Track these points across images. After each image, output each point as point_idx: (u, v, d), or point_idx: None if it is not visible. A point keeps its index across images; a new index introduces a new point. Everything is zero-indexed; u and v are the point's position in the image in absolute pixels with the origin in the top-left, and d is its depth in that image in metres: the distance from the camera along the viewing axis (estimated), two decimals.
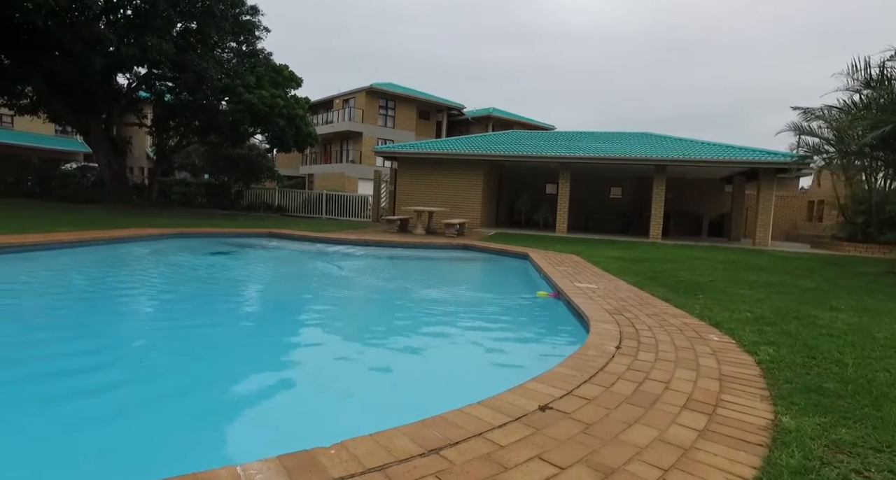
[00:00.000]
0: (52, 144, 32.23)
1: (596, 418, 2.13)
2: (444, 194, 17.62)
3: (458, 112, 36.23)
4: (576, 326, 4.50)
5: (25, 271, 6.54)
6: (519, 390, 2.45)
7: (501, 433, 1.95)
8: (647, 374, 2.73)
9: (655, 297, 5.23)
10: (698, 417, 2.21)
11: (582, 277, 6.64)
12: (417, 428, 1.94)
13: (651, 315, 4.34)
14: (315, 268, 8.56)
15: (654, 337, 3.57)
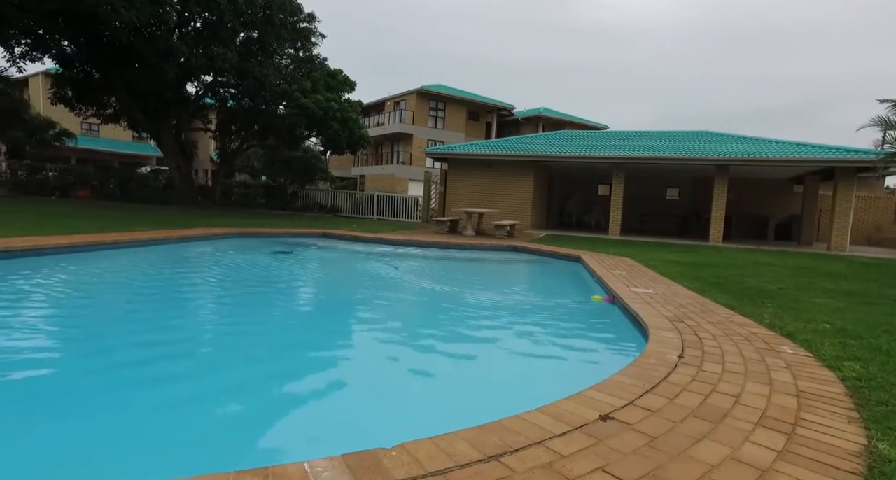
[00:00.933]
0: (130, 149, 34.84)
1: (660, 431, 2.05)
2: (493, 195, 17.54)
3: (507, 112, 35.98)
4: (633, 333, 4.35)
5: (109, 267, 7.09)
6: (577, 398, 2.40)
7: (562, 442, 1.91)
8: (713, 387, 2.60)
9: (718, 304, 4.97)
10: (775, 436, 2.07)
11: (638, 282, 6.41)
12: (477, 434, 1.93)
13: (715, 323, 4.12)
14: (369, 269, 8.74)
15: (719, 346, 3.40)
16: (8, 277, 5.65)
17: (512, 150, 17.43)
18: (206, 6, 14.74)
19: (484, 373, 3.62)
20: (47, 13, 13.39)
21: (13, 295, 5.08)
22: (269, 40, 17.37)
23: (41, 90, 27.85)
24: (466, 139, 32.27)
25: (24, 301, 4.94)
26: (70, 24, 14.38)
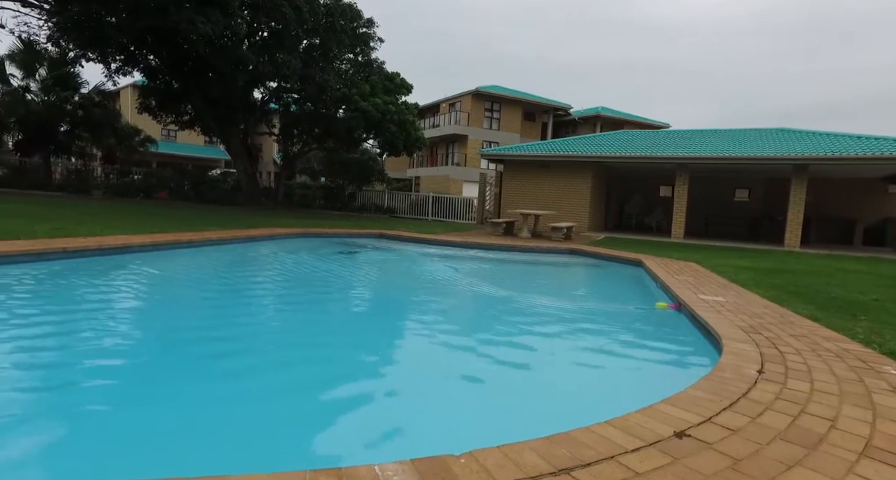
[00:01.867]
0: (202, 153, 37.22)
1: (744, 453, 1.91)
2: (550, 197, 17.24)
3: (564, 112, 35.28)
4: (703, 344, 4.12)
5: (186, 264, 7.59)
6: (648, 411, 2.29)
7: (636, 458, 1.83)
8: (802, 407, 2.40)
9: (800, 316, 4.61)
10: (888, 471, 1.86)
11: (706, 288, 6.07)
12: (545, 445, 1.89)
13: (797, 336, 3.82)
14: (428, 271, 8.82)
15: (804, 363, 3.14)
16: (108, 272, 6.19)
17: (570, 151, 17.06)
18: (273, 16, 15.46)
19: (545, 381, 3.53)
20: (139, 30, 14.55)
21: (107, 288, 5.55)
22: (331, 46, 17.98)
23: (129, 100, 30.33)
24: (522, 140, 31.93)
25: (115, 293, 5.39)
26: (156, 40, 15.55)
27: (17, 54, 18.78)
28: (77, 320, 4.30)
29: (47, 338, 3.74)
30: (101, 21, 14.69)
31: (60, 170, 20.77)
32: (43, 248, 6.12)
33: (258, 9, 15.29)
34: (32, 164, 19.95)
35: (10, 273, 5.39)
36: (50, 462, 2.13)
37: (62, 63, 19.04)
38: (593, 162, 16.62)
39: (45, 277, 5.55)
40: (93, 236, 7.49)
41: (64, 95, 19.54)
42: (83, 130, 20.62)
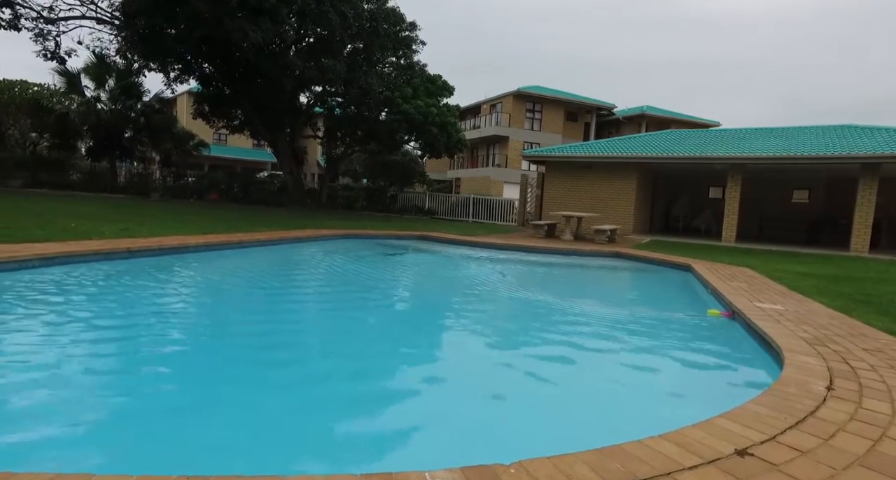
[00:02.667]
0: (250, 156, 38.65)
1: (817, 478, 1.79)
2: (593, 199, 16.86)
3: (607, 112, 34.46)
4: (761, 355, 3.91)
5: (238, 264, 7.89)
6: (706, 426, 2.18)
7: (694, 477, 1.75)
8: (884, 430, 2.22)
9: (873, 327, 4.29)
10: None
11: (763, 296, 5.77)
12: (597, 457, 1.83)
13: (871, 350, 3.56)
14: (470, 274, 8.82)
15: (882, 380, 2.92)
16: (168, 270, 6.52)
17: (614, 152, 16.63)
18: (319, 22, 15.87)
19: (593, 390, 3.43)
20: (195, 40, 15.33)
21: (167, 286, 5.85)
22: (374, 50, 18.28)
23: (185, 107, 31.91)
24: (564, 140, 31.41)
25: (173, 291, 5.67)
26: (211, 48, 16.32)
27: (90, 67, 20.21)
28: (139, 315, 4.55)
29: (110, 332, 3.97)
30: (162, 33, 15.55)
31: (124, 174, 22.10)
32: (110, 248, 6.52)
33: (305, 16, 15.74)
34: (101, 169, 21.33)
35: (84, 271, 5.77)
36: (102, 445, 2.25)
37: (128, 74, 20.35)
38: (638, 163, 16.14)
39: (114, 274, 5.90)
40: (153, 236, 7.91)
41: (129, 104, 20.82)
42: (144, 136, 21.87)
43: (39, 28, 16.55)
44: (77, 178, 20.34)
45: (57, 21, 16.76)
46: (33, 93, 21.55)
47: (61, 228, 7.59)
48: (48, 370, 3.04)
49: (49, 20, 16.55)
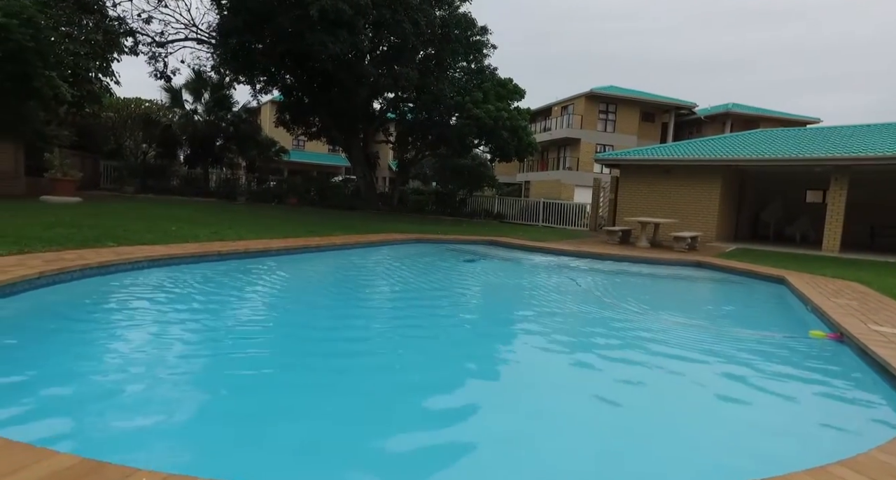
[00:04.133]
0: (326, 160, 40.53)
1: None
2: (671, 204, 15.98)
3: (687, 111, 32.58)
4: (883, 388, 3.47)
5: (316, 268, 8.28)
6: (821, 475, 1.96)
7: None
8: None
9: None
10: None
11: (880, 316, 5.15)
12: None
13: None
14: (542, 283, 8.65)
15: None
16: (253, 272, 6.98)
17: (696, 154, 15.65)
18: (394, 31, 16.31)
19: (676, 421, 3.12)
20: (279, 54, 16.39)
21: (253, 287, 6.26)
22: (445, 56, 18.49)
23: (268, 115, 34.08)
24: (639, 142, 30.08)
25: (259, 292, 6.04)
26: (292, 61, 17.33)
27: (190, 83, 22.33)
28: (223, 315, 4.89)
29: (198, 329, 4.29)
30: (251, 49, 16.73)
31: (215, 179, 23.96)
32: (204, 251, 7.07)
33: (381, 26, 16.23)
34: (196, 174, 23.30)
35: (183, 271, 6.30)
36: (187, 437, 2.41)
37: (220, 87, 22.24)
38: (724, 165, 15.07)
39: (208, 276, 6.39)
40: (240, 240, 8.48)
41: (221, 114, 22.65)
42: (233, 144, 23.60)
43: (153, 52, 18.56)
44: (176, 184, 22.34)
45: (166, 44, 18.65)
46: (145, 109, 24.01)
47: (165, 232, 8.34)
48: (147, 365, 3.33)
49: (160, 44, 18.45)
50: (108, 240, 6.95)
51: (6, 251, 5.47)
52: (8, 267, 4.73)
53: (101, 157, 21.14)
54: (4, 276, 4.37)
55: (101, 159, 21.14)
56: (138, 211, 12.06)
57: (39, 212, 9.92)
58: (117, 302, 5.05)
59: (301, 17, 14.37)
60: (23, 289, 4.49)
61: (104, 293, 5.21)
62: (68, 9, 14.30)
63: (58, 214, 9.60)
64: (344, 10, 14.08)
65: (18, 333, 3.77)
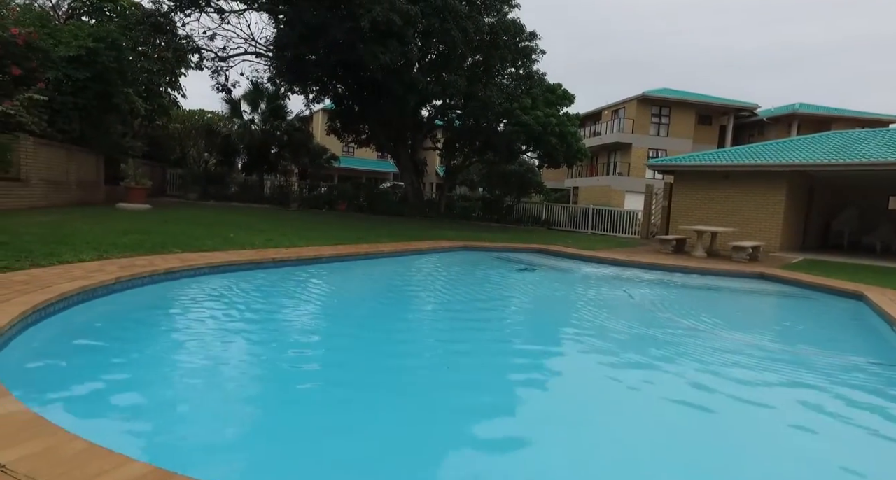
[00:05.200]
0: (374, 167, 41.39)
1: None
2: (730, 211, 15.19)
3: (748, 113, 30.95)
4: None
5: (365, 276, 8.45)
6: None
7: None
8: None
9: None
10: None
11: None
12: None
13: None
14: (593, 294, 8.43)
15: None
16: (305, 280, 7.21)
17: (759, 160, 14.82)
18: (443, 39, 16.47)
19: (747, 455, 2.87)
20: (331, 64, 16.94)
21: (302, 294, 6.46)
22: (494, 62, 18.48)
23: (319, 123, 35.24)
24: (694, 146, 28.87)
25: (306, 301, 6.23)
26: (344, 70, 17.86)
27: (248, 94, 23.49)
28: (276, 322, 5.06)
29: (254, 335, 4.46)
30: (305, 60, 17.38)
31: (269, 186, 24.99)
32: (259, 258, 7.36)
33: (430, 35, 16.43)
34: (252, 181, 24.42)
35: (240, 277, 6.59)
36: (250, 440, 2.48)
37: (276, 97, 23.25)
38: (788, 170, 14.19)
39: (263, 283, 6.65)
40: (293, 246, 8.78)
41: (275, 124, 23.65)
42: (286, 151, 24.56)
43: (216, 66, 19.66)
44: (234, 190, 23.49)
45: (228, 58, 19.72)
46: (207, 120, 25.48)
47: (224, 239, 8.76)
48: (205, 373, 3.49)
49: (222, 58, 19.54)
50: (173, 246, 7.38)
51: (89, 257, 5.91)
52: (91, 273, 5.11)
53: (167, 166, 22.56)
54: (87, 282, 4.72)
55: (167, 167, 22.56)
56: (200, 217, 12.74)
57: (116, 218, 10.68)
58: (181, 308, 5.35)
59: (353, 29, 14.79)
60: (102, 294, 4.83)
61: (169, 299, 5.54)
62: (144, 31, 15.38)
63: (131, 221, 10.30)
64: (394, 20, 14.37)
65: (98, 337, 4.05)
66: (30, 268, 5.09)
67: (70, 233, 7.73)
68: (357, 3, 14.47)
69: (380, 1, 14.22)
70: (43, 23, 12.29)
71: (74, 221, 9.42)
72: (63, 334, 3.91)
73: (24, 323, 3.67)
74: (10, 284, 4.40)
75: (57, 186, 12.62)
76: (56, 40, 11.89)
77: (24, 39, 10.07)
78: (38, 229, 7.79)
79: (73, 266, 5.43)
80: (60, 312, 4.19)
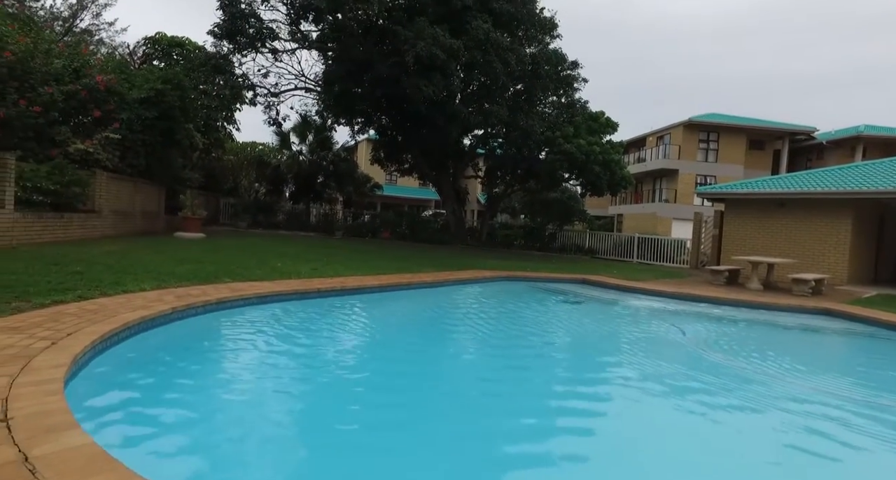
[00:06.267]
0: (416, 194, 42.06)
1: None
2: (788, 241, 14.41)
3: (805, 136, 29.60)
4: None
5: (407, 307, 8.49)
6: None
7: None
8: None
9: None
10: None
11: None
12: None
13: None
14: (643, 330, 8.12)
15: None
16: (350, 310, 7.32)
17: (819, 186, 14.05)
18: (485, 71, 16.80)
19: None
20: (376, 97, 17.60)
21: (345, 326, 6.54)
22: (535, 91, 18.63)
23: (363, 153, 36.38)
24: (746, 172, 27.79)
25: (350, 332, 6.29)
26: (388, 103, 18.49)
27: (296, 126, 24.71)
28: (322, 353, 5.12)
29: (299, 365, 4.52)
30: (351, 94, 18.14)
31: (315, 214, 25.84)
32: (305, 288, 7.55)
33: (472, 67, 16.81)
34: (298, 210, 25.35)
35: (287, 308, 6.77)
36: None
37: (323, 129, 24.32)
38: (855, 198, 13.36)
39: (311, 314, 6.79)
40: (338, 276, 8.96)
41: (322, 154, 24.64)
42: (332, 181, 25.42)
43: (268, 101, 20.81)
44: (281, 219, 24.41)
45: (279, 94, 20.87)
46: (258, 151, 26.85)
47: (271, 268, 9.06)
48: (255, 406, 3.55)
49: (274, 94, 20.69)
50: (224, 275, 7.69)
51: (150, 286, 6.25)
52: (150, 303, 5.40)
53: (221, 195, 23.77)
54: (147, 312, 4.97)
55: (221, 197, 23.77)
56: (249, 246, 13.26)
57: (173, 247, 11.28)
58: (232, 338, 5.52)
59: (398, 64, 15.35)
60: (160, 323, 5.07)
61: (221, 328, 5.74)
62: (206, 71, 16.56)
63: (187, 250, 10.84)
64: (437, 55, 14.81)
65: (155, 367, 4.23)
66: (99, 297, 5.42)
67: (133, 261, 8.21)
68: (402, 39, 15.06)
69: (423, 37, 14.73)
70: (122, 69, 13.45)
71: (137, 250, 10.02)
72: (124, 363, 4.10)
73: (92, 352, 3.89)
74: (83, 313, 4.69)
75: (124, 216, 13.52)
76: (130, 84, 12.96)
77: (105, 85, 11.05)
78: (107, 258, 8.32)
79: (135, 295, 5.74)
80: (123, 341, 4.42)
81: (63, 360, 3.39)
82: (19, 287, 5.42)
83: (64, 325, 4.23)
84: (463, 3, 15.96)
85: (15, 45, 9.46)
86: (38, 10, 20.54)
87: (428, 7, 16.41)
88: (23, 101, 9.49)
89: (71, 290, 5.50)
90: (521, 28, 17.80)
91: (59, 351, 3.56)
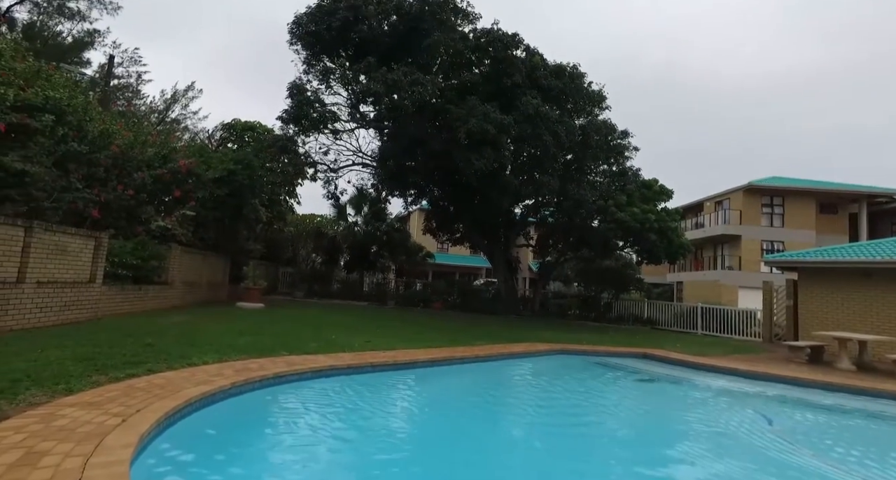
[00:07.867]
0: (467, 262, 42.27)
1: None
2: (879, 315, 13.06)
3: (887, 198, 27.73)
4: None
5: (459, 383, 8.21)
6: None
7: None
8: None
9: None
10: None
11: None
12: None
13: None
14: (718, 416, 7.41)
15: None
16: (403, 385, 7.17)
17: None
18: (535, 144, 17.27)
19: None
20: (429, 170, 18.40)
21: (397, 403, 6.36)
22: (585, 161, 18.82)
23: (416, 222, 37.46)
24: (818, 238, 26.13)
25: (401, 410, 6.10)
26: (441, 176, 19.23)
27: (353, 199, 26.04)
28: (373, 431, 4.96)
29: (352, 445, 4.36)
30: (405, 168, 19.07)
31: (368, 283, 26.37)
32: (358, 363, 7.51)
33: (522, 140, 17.37)
34: (353, 279, 26.01)
35: (341, 382, 6.72)
36: None
37: (377, 201, 25.40)
38: None
39: (364, 389, 6.70)
40: (390, 349, 8.90)
41: (377, 225, 25.54)
42: (385, 250, 26.11)
43: (327, 177, 22.20)
44: (336, 288, 25.06)
45: (338, 170, 22.27)
46: (317, 223, 28.30)
47: (326, 340, 9.16)
48: None
49: (333, 170, 22.10)
50: (282, 348, 7.83)
51: (211, 359, 6.45)
52: (212, 377, 5.53)
53: (280, 265, 24.88)
54: (208, 387, 5.07)
55: (280, 266, 24.86)
56: (305, 317, 13.55)
57: (235, 317, 11.72)
58: (289, 415, 5.49)
59: (450, 139, 16.09)
60: (220, 398, 5.14)
61: (278, 404, 5.73)
62: (273, 152, 18.05)
63: (247, 320, 11.23)
64: (488, 130, 15.45)
65: (214, 443, 4.23)
66: (165, 371, 5.63)
67: (198, 333, 8.56)
68: (454, 116, 15.90)
69: (474, 114, 15.49)
70: (201, 153, 14.90)
71: (202, 321, 10.48)
72: (185, 440, 4.13)
73: (157, 429, 3.97)
74: (151, 388, 4.86)
75: (192, 287, 14.34)
76: (207, 165, 14.30)
77: (186, 168, 12.23)
78: (175, 330, 8.74)
79: (198, 369, 5.91)
80: (185, 417, 4.49)
81: (131, 439, 3.47)
82: (100, 360, 5.75)
83: (134, 400, 4.38)
84: (512, 81, 16.81)
85: (121, 140, 10.75)
86: (140, 106, 23.55)
87: (479, 86, 17.42)
88: (120, 186, 10.61)
89: (142, 363, 5.76)
90: (570, 101, 18.39)
91: (127, 430, 3.65)
